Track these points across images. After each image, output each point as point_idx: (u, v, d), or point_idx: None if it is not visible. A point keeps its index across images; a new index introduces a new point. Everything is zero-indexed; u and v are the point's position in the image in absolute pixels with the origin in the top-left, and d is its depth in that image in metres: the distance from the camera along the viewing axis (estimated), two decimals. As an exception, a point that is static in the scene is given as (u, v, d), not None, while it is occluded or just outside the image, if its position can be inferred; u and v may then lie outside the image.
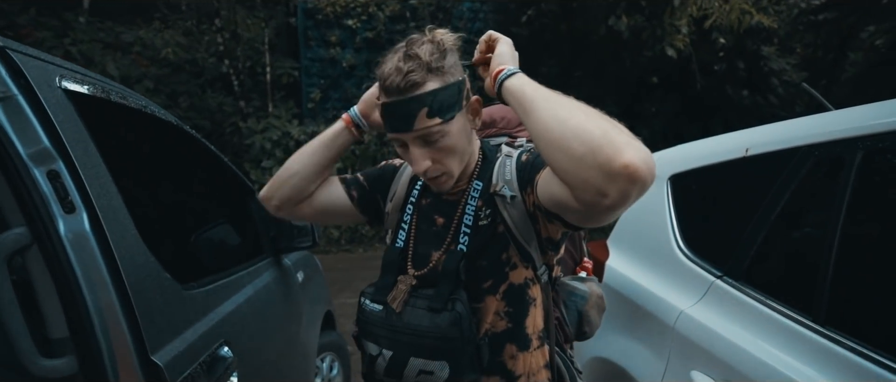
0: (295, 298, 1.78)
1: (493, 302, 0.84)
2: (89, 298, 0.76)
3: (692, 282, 1.20)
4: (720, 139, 1.36)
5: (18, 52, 0.80)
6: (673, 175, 1.44)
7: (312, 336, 1.95)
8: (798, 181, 1.02)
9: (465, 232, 0.84)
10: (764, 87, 6.43)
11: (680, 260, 1.28)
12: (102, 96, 0.98)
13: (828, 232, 0.89)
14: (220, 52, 6.63)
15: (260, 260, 1.57)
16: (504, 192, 0.83)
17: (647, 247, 1.44)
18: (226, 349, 1.08)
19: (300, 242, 1.68)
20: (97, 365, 0.76)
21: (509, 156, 0.87)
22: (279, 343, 1.54)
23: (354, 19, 6.95)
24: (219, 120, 6.49)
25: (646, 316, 1.29)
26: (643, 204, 1.57)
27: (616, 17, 5.02)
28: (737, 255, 1.11)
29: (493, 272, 0.83)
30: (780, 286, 1.01)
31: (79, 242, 0.76)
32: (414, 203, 0.91)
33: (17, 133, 0.74)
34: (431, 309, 0.80)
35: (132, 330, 0.80)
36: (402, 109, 0.77)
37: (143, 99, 1.21)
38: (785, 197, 1.03)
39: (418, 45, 0.78)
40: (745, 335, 0.99)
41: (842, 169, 0.92)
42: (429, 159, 0.79)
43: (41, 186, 0.75)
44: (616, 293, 1.42)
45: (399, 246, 0.90)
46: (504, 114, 0.97)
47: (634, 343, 1.31)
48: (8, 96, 0.75)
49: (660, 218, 1.40)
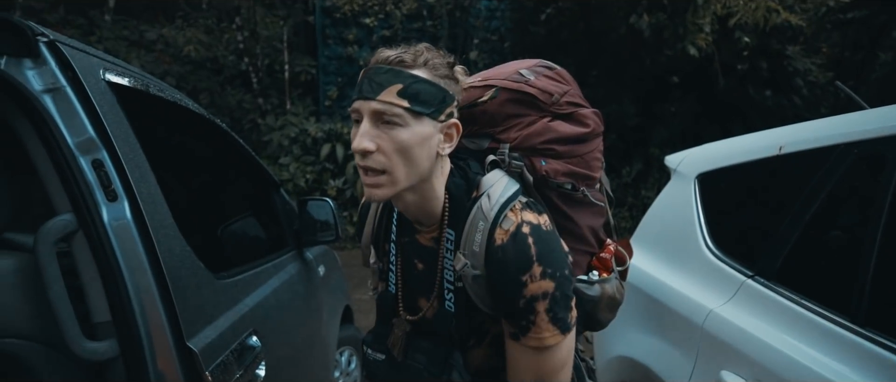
0: (317, 291, 1.80)
1: (479, 354, 0.83)
2: (130, 284, 0.78)
3: (721, 282, 1.18)
4: (751, 137, 1.34)
5: (67, 45, 0.82)
6: (701, 173, 1.42)
7: (332, 330, 1.97)
8: (836, 179, 0.99)
9: (448, 289, 0.78)
10: (787, 88, 6.28)
11: (708, 260, 1.26)
12: (142, 88, 1.01)
13: (869, 231, 0.87)
14: (240, 50, 6.73)
15: (284, 252, 1.60)
16: (466, 272, 0.75)
17: (673, 246, 1.42)
18: (254, 338, 1.10)
19: (323, 236, 1.70)
20: (136, 349, 0.78)
21: (484, 218, 0.74)
22: (302, 334, 1.57)
23: (372, 18, 6.99)
24: (238, 116, 6.59)
25: (672, 315, 1.28)
26: (669, 203, 1.56)
27: (637, 15, 4.95)
28: (769, 254, 1.09)
29: (474, 332, 0.82)
30: (816, 286, 0.98)
31: (121, 229, 0.79)
32: (395, 240, 0.85)
33: (65, 123, 0.77)
34: (430, 371, 0.79)
35: (169, 316, 0.82)
36: (378, 77, 0.70)
37: (178, 92, 1.24)
38: (821, 196, 1.01)
39: (429, 50, 0.73)
40: (779, 334, 0.97)
41: (884, 167, 0.90)
42: (373, 141, 0.69)
43: (87, 174, 0.77)
44: (641, 292, 1.41)
45: (391, 290, 0.86)
46: (485, 109, 0.83)
47: (660, 342, 1.30)
48: (57, 88, 0.77)
49: (687, 218, 1.38)
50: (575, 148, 0.84)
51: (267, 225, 1.70)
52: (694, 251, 1.31)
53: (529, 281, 0.71)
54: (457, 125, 0.75)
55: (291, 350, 1.40)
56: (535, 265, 0.72)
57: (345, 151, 6.43)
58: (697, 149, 1.54)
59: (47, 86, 0.77)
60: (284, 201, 1.74)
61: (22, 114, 0.76)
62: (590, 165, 0.86)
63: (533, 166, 0.82)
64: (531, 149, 0.82)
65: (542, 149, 0.82)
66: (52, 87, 0.77)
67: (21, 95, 0.75)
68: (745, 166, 1.27)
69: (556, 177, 0.82)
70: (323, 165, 6.44)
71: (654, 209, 1.60)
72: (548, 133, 0.82)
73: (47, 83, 0.77)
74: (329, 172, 6.46)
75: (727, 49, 5.68)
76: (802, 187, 1.05)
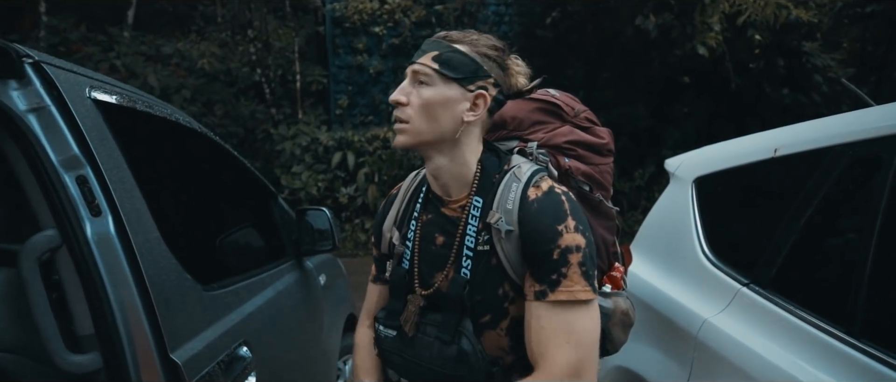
0: (316, 300, 1.81)
1: (494, 337, 0.81)
2: (113, 297, 0.80)
3: (717, 290, 1.15)
4: (747, 139, 1.30)
5: (52, 65, 0.85)
6: (698, 177, 1.38)
7: (334, 339, 1.98)
8: (831, 183, 0.96)
9: (467, 256, 0.80)
10: (806, 85, 6.11)
11: (704, 267, 1.23)
12: (129, 106, 1.03)
13: (864, 237, 0.83)
14: (253, 62, 6.88)
15: (282, 262, 1.61)
16: (500, 226, 0.78)
17: (670, 253, 1.39)
18: (245, 349, 1.10)
19: (321, 245, 1.71)
20: (120, 362, 0.79)
21: (517, 180, 0.81)
22: (299, 344, 1.57)
23: (381, 26, 7.06)
24: (251, 127, 6.73)
25: (668, 324, 1.25)
26: (667, 208, 1.53)
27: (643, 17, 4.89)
28: (765, 262, 1.05)
29: (491, 307, 0.80)
30: (812, 295, 0.95)
31: (104, 244, 0.80)
32: (416, 218, 0.88)
33: (49, 141, 0.79)
34: (440, 339, 0.79)
35: (153, 329, 0.83)
36: (424, 46, 0.82)
37: (169, 107, 1.26)
38: (816, 201, 0.97)
39: (480, 34, 0.84)
40: (773, 347, 0.94)
41: (880, 169, 0.86)
42: (405, 96, 0.80)
43: (71, 191, 0.79)
44: (638, 300, 1.37)
45: (405, 266, 0.87)
46: (514, 113, 0.91)
47: (656, 352, 1.26)
48: (42, 107, 0.80)
49: (684, 223, 1.35)
50: (593, 156, 0.93)
51: (265, 235, 1.72)
52: (690, 257, 1.28)
53: (565, 231, 0.75)
54: (484, 96, 0.81)
55: (287, 360, 1.40)
56: (570, 218, 0.76)
57: (356, 159, 6.49)
58: (696, 152, 1.51)
59: (32, 106, 0.79)
60: (283, 211, 1.76)
61: (7, 133, 0.79)
62: (603, 178, 0.94)
63: (557, 162, 0.89)
64: (556, 147, 0.90)
65: (566, 148, 0.90)
66: (36, 107, 0.80)
67: (5, 115, 0.77)
68: (741, 169, 1.23)
69: (576, 175, 0.90)
70: (334, 173, 6.51)
71: (653, 214, 1.57)
72: (571, 135, 0.91)
73: (32, 103, 0.79)
74: (340, 180, 6.53)
75: (740, 47, 5.57)
76: (798, 191, 1.02)
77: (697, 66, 5.81)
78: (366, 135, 6.66)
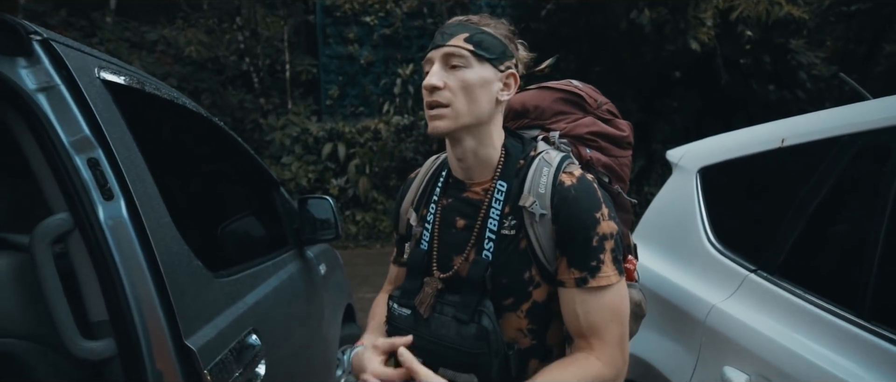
0: (317, 290, 1.80)
1: (513, 320, 0.81)
2: (127, 283, 0.78)
3: (724, 277, 1.17)
4: (753, 130, 1.32)
5: (60, 43, 0.82)
6: (702, 167, 1.40)
7: (334, 328, 1.97)
8: (839, 171, 0.98)
9: (489, 238, 0.80)
10: (791, 82, 6.24)
11: (711, 255, 1.25)
12: (137, 87, 1.00)
13: (873, 223, 0.86)
14: (241, 50, 6.75)
15: (284, 251, 1.59)
16: (534, 210, 0.78)
17: (675, 241, 1.41)
18: (254, 337, 1.09)
19: (323, 234, 1.69)
20: (134, 348, 0.78)
21: (548, 165, 0.81)
22: (303, 333, 1.56)
23: (372, 16, 6.98)
24: (239, 116, 6.61)
25: (674, 310, 1.27)
26: (671, 198, 1.55)
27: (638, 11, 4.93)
28: (772, 249, 1.08)
29: (515, 290, 0.80)
30: (821, 280, 0.97)
31: (117, 228, 0.78)
32: (436, 201, 0.88)
33: (59, 121, 0.76)
34: (458, 319, 0.78)
35: (167, 315, 0.81)
36: (449, 29, 0.81)
37: (175, 91, 1.23)
38: (825, 189, 1.00)
39: (493, 17, 0.84)
40: (782, 330, 0.96)
41: (888, 158, 0.88)
42: (442, 79, 0.79)
43: (82, 173, 0.77)
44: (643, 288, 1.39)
45: (423, 248, 0.87)
46: (537, 102, 0.92)
47: (662, 339, 1.29)
48: (51, 86, 0.77)
49: (689, 212, 1.37)
50: (613, 148, 0.94)
51: (267, 223, 1.70)
52: (696, 246, 1.30)
53: (602, 218, 0.77)
54: (515, 75, 0.83)
55: (292, 349, 1.39)
56: (603, 206, 0.78)
57: (346, 150, 6.43)
58: (699, 143, 1.53)
59: (41, 85, 0.76)
60: (285, 200, 1.74)
61: (16, 112, 0.76)
62: (622, 171, 0.95)
63: (578, 153, 0.90)
64: (579, 137, 0.91)
65: (588, 139, 0.92)
66: (46, 86, 0.77)
67: (15, 94, 0.74)
68: (748, 159, 1.25)
69: (597, 166, 0.91)
70: (325, 164, 6.44)
71: (655, 204, 1.59)
72: (594, 126, 0.92)
73: (41, 81, 0.76)
74: (331, 171, 6.47)
75: (730, 43, 5.65)
76: (805, 180, 1.04)
77: (687, 61, 5.88)
78: (357, 126, 6.60)
